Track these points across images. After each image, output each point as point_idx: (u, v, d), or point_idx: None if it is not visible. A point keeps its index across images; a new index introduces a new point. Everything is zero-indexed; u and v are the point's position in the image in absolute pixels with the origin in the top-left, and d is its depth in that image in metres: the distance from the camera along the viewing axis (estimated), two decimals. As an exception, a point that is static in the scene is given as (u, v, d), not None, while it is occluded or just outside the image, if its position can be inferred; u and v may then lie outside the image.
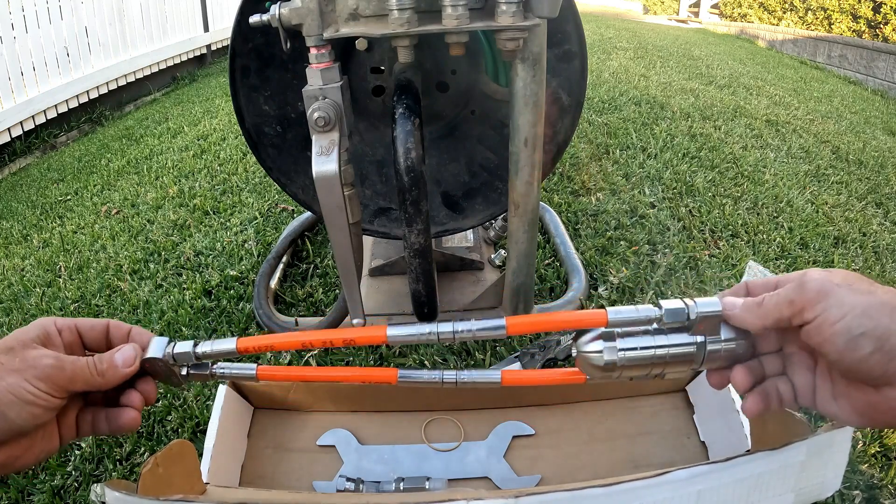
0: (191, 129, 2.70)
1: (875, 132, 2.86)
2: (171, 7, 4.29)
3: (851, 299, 0.36)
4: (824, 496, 0.50)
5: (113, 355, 0.45)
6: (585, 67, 0.99)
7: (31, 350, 0.41)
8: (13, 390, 0.39)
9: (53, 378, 0.41)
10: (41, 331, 0.43)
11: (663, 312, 0.43)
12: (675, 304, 0.43)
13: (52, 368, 0.41)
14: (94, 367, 0.43)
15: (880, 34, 5.07)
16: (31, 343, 0.42)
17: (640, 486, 0.47)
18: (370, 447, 0.78)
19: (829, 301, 0.36)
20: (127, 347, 0.45)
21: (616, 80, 3.14)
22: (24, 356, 0.40)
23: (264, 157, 1.05)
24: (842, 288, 0.36)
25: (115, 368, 0.44)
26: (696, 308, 0.43)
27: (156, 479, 0.53)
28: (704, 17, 8.12)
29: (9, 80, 2.99)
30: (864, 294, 0.36)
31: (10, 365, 0.40)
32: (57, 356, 0.42)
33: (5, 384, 0.39)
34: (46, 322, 0.44)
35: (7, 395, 0.39)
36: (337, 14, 0.78)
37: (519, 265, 1.07)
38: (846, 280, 0.37)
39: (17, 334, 0.42)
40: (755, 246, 1.45)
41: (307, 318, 1.16)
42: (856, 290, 0.36)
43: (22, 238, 1.86)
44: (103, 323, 0.47)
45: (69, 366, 0.42)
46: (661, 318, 0.43)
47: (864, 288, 0.36)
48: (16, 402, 0.39)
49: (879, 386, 0.36)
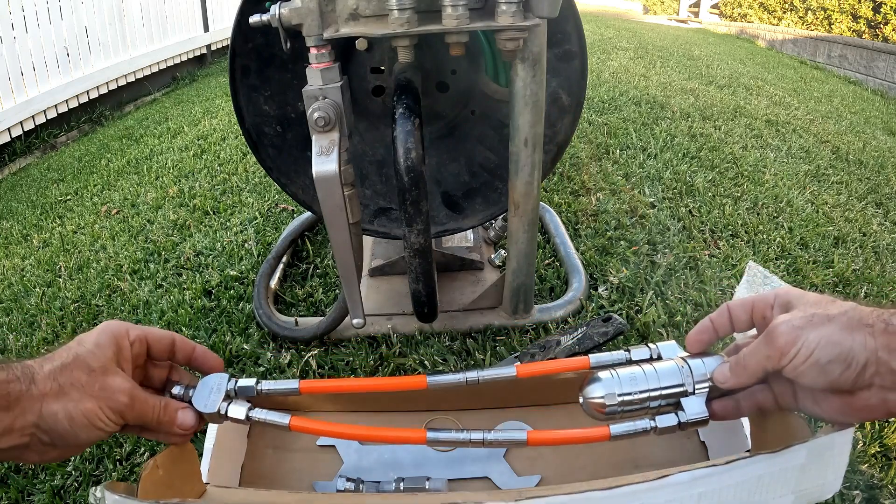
0: (191, 129, 2.70)
1: (875, 132, 2.85)
2: (171, 7, 4.29)
3: (814, 336, 0.41)
4: (824, 497, 0.50)
5: (177, 412, 0.49)
6: (585, 67, 0.99)
7: (111, 377, 0.45)
8: (89, 416, 0.43)
9: (123, 413, 0.45)
10: (115, 346, 0.46)
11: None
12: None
13: (125, 406, 0.45)
14: (156, 415, 0.47)
15: (880, 34, 5.07)
16: (110, 365, 0.45)
17: (641, 489, 0.47)
18: (370, 447, 0.78)
19: (797, 345, 0.41)
20: (191, 414, 0.49)
21: (616, 80, 3.14)
22: (105, 384, 0.44)
23: (264, 157, 1.05)
24: (804, 329, 0.41)
25: (171, 425, 0.49)
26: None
27: (155, 480, 0.53)
28: (704, 17, 8.12)
29: (9, 80, 2.99)
30: (823, 325, 0.41)
31: (91, 390, 0.43)
32: (132, 393, 0.45)
33: (83, 409, 0.43)
34: (120, 334, 0.47)
35: (83, 419, 0.43)
36: (337, 14, 0.78)
37: (519, 265, 1.07)
38: (805, 317, 0.42)
39: (96, 350, 0.45)
40: (755, 246, 1.45)
41: (307, 318, 1.16)
42: (816, 324, 0.41)
43: (22, 238, 1.86)
44: (169, 338, 0.51)
45: (139, 406, 0.46)
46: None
47: (822, 316, 0.41)
48: (88, 427, 0.43)
49: (853, 391, 0.42)
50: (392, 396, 0.81)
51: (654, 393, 0.48)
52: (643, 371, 0.49)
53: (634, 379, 0.49)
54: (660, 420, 0.49)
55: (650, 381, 0.49)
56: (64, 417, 0.42)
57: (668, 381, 0.48)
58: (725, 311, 0.49)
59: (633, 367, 0.50)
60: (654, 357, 0.52)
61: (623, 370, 0.50)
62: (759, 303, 0.48)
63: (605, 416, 0.49)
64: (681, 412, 0.49)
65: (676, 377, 0.48)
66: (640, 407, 0.49)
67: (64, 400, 0.42)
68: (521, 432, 0.52)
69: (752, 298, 0.48)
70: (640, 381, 0.49)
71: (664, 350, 0.52)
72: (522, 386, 0.79)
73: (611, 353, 0.53)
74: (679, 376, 0.48)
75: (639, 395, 0.48)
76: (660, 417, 0.49)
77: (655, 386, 0.48)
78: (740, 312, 0.49)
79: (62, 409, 0.42)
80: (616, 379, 0.49)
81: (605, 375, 0.49)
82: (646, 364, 0.50)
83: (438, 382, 0.52)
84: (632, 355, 0.52)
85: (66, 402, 0.42)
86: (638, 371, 0.49)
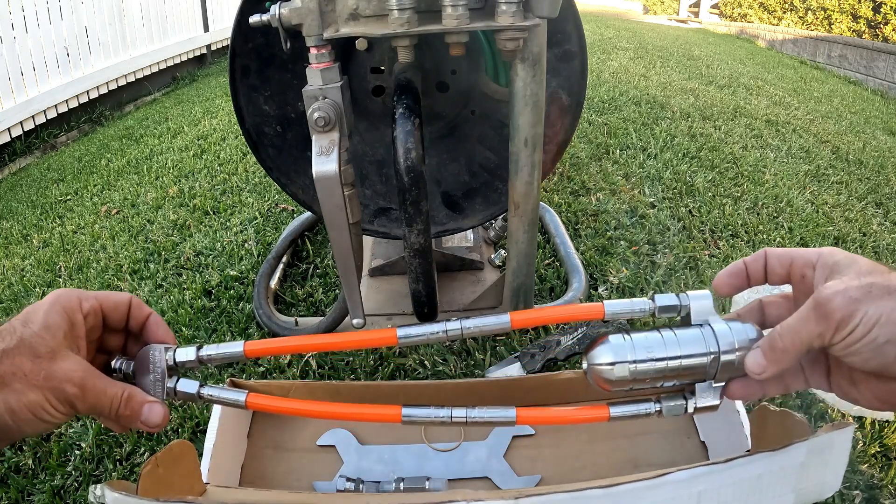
0: (191, 129, 2.70)
1: (875, 132, 2.85)
2: (171, 7, 4.29)
3: (874, 311, 0.35)
4: (824, 497, 0.50)
5: (142, 407, 0.43)
6: (585, 67, 0.99)
7: (59, 362, 0.39)
8: (33, 409, 0.38)
9: (74, 403, 0.40)
10: (68, 324, 0.41)
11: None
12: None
13: (75, 396, 0.39)
14: (115, 407, 0.42)
15: (880, 34, 5.07)
16: (59, 348, 0.40)
17: (641, 487, 0.47)
18: (370, 447, 0.78)
19: (855, 320, 0.35)
20: (158, 409, 0.43)
21: (616, 80, 3.14)
22: (51, 372, 0.39)
23: (264, 157, 1.05)
24: (863, 302, 0.35)
25: (133, 420, 0.43)
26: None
27: (155, 479, 0.53)
28: (704, 17, 8.12)
29: (9, 80, 2.99)
30: (884, 298, 0.35)
31: (35, 379, 0.38)
32: (83, 382, 0.40)
33: (26, 401, 0.38)
34: (72, 308, 0.41)
35: (26, 413, 0.38)
36: (337, 14, 0.78)
37: (519, 265, 1.07)
38: (862, 287, 0.36)
39: (43, 333, 0.39)
40: (755, 246, 1.45)
41: (307, 318, 1.16)
42: (875, 297, 0.35)
43: (22, 238, 1.86)
44: (125, 302, 0.45)
45: (92, 398, 0.40)
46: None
47: (882, 287, 0.35)
48: (32, 420, 0.38)
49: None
50: (392, 397, 0.81)
51: (672, 363, 0.41)
52: (661, 336, 0.42)
53: (650, 345, 0.42)
54: (665, 405, 0.44)
55: (669, 348, 0.41)
56: (4, 411, 0.37)
57: (690, 349, 0.41)
58: (762, 258, 0.43)
59: (650, 331, 0.43)
60: (680, 311, 0.44)
61: (637, 334, 0.43)
62: (798, 259, 0.41)
63: (612, 388, 0.42)
64: (690, 397, 0.43)
65: (700, 346, 0.41)
66: (653, 383, 0.42)
67: (5, 392, 0.37)
68: (509, 409, 0.46)
69: (791, 252, 0.42)
70: (657, 347, 0.41)
71: (695, 303, 0.44)
72: (524, 386, 0.80)
73: (632, 300, 0.45)
74: (703, 345, 0.41)
75: (654, 364, 0.41)
76: (665, 402, 0.44)
77: (675, 354, 0.41)
78: (777, 264, 0.43)
79: (2, 403, 0.37)
80: (629, 342, 0.42)
81: (616, 338, 0.42)
82: (665, 329, 0.43)
83: (410, 335, 0.46)
84: (656, 304, 0.44)
85: (6, 394, 0.37)
86: (655, 336, 0.42)
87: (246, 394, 0.46)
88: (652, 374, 0.42)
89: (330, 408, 0.47)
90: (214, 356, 0.46)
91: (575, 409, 0.46)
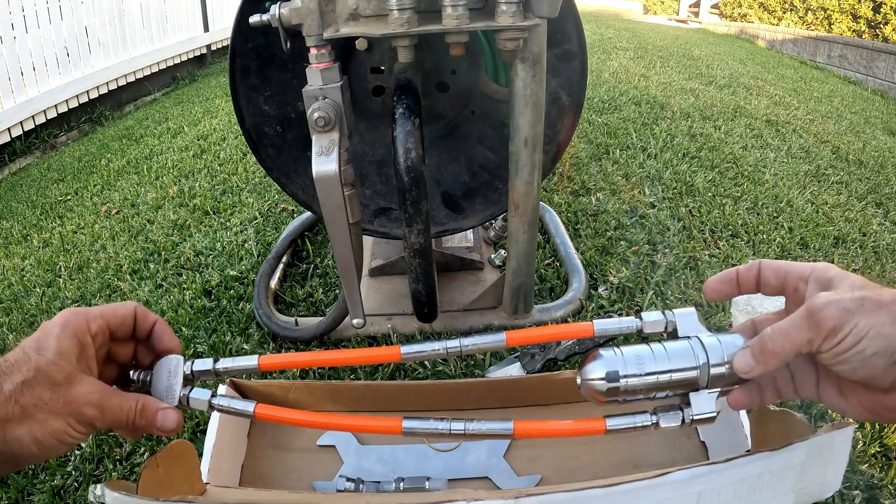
0: (191, 129, 2.70)
1: (875, 132, 2.85)
2: (171, 7, 4.29)
3: (865, 323, 0.36)
4: (824, 496, 0.50)
5: (156, 414, 0.44)
6: (585, 67, 0.99)
7: (76, 387, 0.41)
8: (57, 436, 0.39)
9: (94, 423, 0.41)
10: (79, 348, 0.42)
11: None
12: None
13: (95, 418, 0.41)
14: (131, 420, 0.43)
15: (880, 34, 5.07)
16: (74, 373, 0.41)
17: (641, 487, 0.47)
18: (370, 447, 0.78)
19: (845, 330, 0.36)
20: (172, 415, 0.45)
21: (616, 80, 3.14)
22: (69, 397, 0.40)
23: (264, 157, 1.05)
24: (855, 314, 0.36)
25: (150, 428, 0.44)
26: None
27: (155, 479, 0.53)
28: (704, 17, 8.12)
29: (9, 80, 2.99)
30: (875, 312, 0.36)
31: (55, 406, 0.39)
32: (101, 403, 0.41)
33: (50, 429, 0.39)
34: (80, 330, 0.43)
35: (50, 440, 0.39)
36: (337, 14, 0.78)
37: (519, 265, 1.07)
38: (855, 300, 0.37)
39: (58, 360, 0.40)
40: (755, 246, 1.45)
41: (307, 318, 1.16)
42: (868, 310, 0.36)
43: (22, 238, 1.86)
44: (130, 314, 0.47)
45: (110, 415, 0.42)
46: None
47: (874, 301, 0.36)
48: (57, 445, 0.40)
49: (889, 390, 0.38)
50: (392, 397, 0.81)
51: (662, 377, 0.43)
52: (651, 350, 0.44)
53: (641, 359, 0.43)
54: (662, 417, 0.45)
55: (659, 362, 0.43)
56: (30, 442, 0.39)
57: (680, 363, 0.43)
58: (755, 268, 0.44)
59: (640, 345, 0.44)
60: (667, 326, 0.46)
61: (628, 348, 0.44)
62: (792, 272, 0.42)
63: (605, 400, 0.44)
64: (686, 408, 0.44)
65: (690, 359, 0.43)
66: (646, 395, 0.44)
67: (28, 422, 0.39)
68: (506, 423, 0.47)
69: (786, 264, 0.43)
70: (647, 362, 0.43)
71: (680, 319, 0.46)
72: (524, 386, 0.80)
73: (619, 318, 0.47)
74: (693, 359, 0.43)
75: (645, 378, 0.43)
76: (662, 414, 0.45)
77: (665, 368, 0.43)
78: (771, 276, 0.44)
79: (27, 434, 0.39)
80: (620, 357, 0.44)
81: (608, 353, 0.44)
82: (655, 343, 0.44)
83: (413, 352, 0.48)
84: (643, 322, 0.46)
85: (30, 425, 0.39)
86: (645, 350, 0.44)
87: (254, 405, 0.48)
88: (644, 387, 0.43)
89: (334, 419, 0.49)
90: (231, 369, 0.48)
91: (572, 423, 0.47)
